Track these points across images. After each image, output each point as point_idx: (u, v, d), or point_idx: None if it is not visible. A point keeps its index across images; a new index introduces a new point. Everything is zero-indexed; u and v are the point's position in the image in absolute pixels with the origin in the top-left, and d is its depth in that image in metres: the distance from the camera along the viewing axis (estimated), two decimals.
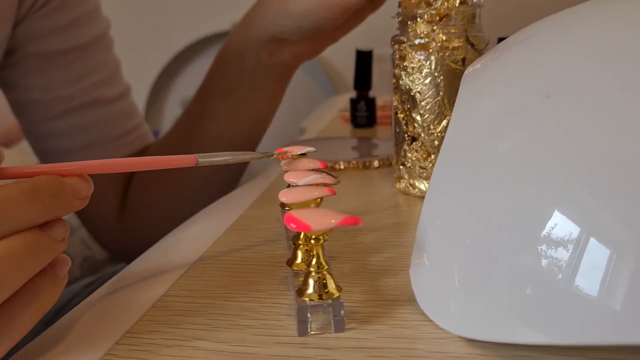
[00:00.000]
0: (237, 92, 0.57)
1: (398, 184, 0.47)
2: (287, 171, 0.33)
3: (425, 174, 0.44)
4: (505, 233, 0.24)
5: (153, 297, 0.30)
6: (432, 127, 0.43)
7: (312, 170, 0.33)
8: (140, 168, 0.29)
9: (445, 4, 0.42)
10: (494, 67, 0.30)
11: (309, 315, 0.25)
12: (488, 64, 0.30)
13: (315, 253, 0.27)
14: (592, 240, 0.21)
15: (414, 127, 0.44)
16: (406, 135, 0.44)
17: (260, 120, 0.60)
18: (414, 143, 0.44)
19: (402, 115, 0.45)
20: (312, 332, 0.25)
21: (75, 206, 0.26)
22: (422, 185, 0.45)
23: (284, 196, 0.29)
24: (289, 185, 0.33)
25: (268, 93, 0.58)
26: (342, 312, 0.25)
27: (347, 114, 0.84)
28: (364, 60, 0.81)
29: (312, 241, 0.27)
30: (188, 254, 0.36)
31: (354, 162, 0.55)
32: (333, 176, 0.32)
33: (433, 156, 0.43)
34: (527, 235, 0.23)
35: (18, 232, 0.24)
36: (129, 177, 0.62)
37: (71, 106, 0.56)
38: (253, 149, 0.60)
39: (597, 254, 0.21)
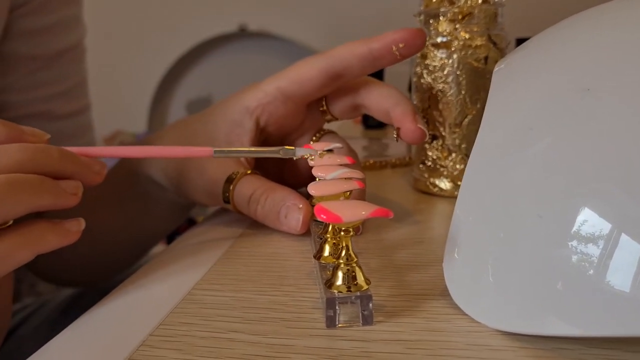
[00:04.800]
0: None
1: (417, 182, 0.47)
2: (314, 166, 0.33)
3: (445, 173, 0.44)
4: (542, 227, 0.24)
5: (182, 290, 0.30)
6: (453, 125, 0.43)
7: (340, 165, 0.33)
8: (155, 156, 0.31)
9: (468, 2, 0.42)
10: (526, 62, 0.30)
11: (337, 307, 0.25)
12: (519, 59, 0.31)
13: (344, 245, 0.27)
14: (624, 236, 0.21)
15: (435, 125, 0.44)
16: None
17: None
18: (435, 141, 0.44)
19: (422, 114, 0.45)
20: (339, 325, 0.25)
21: (90, 177, 0.31)
22: (442, 184, 0.45)
23: (313, 189, 0.29)
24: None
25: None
26: (371, 304, 0.25)
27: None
28: None
29: (342, 233, 0.27)
30: (212, 249, 0.36)
31: (371, 161, 0.55)
32: (360, 171, 0.32)
33: (454, 155, 0.44)
34: (563, 229, 0.23)
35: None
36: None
37: (18, 114, 0.52)
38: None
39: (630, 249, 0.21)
